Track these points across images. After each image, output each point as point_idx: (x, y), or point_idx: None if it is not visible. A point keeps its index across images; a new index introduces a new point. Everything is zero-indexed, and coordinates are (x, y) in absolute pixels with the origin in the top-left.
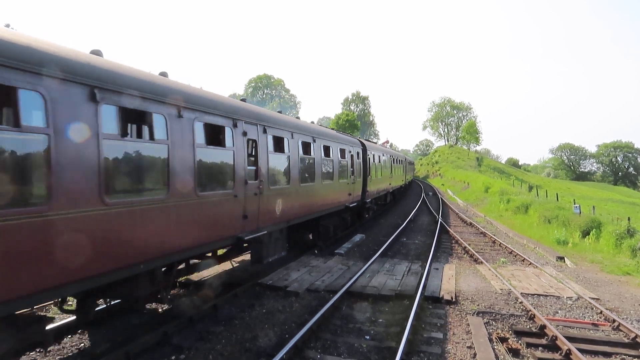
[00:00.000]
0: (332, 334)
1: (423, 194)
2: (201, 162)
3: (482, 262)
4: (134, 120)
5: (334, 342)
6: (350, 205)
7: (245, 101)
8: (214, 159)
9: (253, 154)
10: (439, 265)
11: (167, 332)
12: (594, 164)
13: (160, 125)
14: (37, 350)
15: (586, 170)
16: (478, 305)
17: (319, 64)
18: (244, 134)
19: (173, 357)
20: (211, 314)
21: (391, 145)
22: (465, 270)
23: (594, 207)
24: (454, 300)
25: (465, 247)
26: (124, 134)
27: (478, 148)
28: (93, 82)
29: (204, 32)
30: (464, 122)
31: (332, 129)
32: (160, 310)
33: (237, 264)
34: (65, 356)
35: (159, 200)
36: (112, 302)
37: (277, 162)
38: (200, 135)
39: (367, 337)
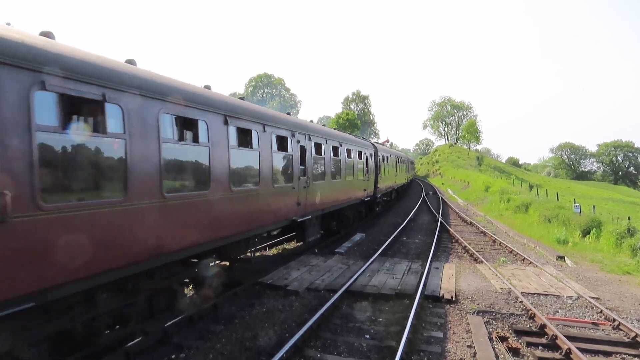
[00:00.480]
0: (332, 333)
1: (423, 193)
2: (274, 163)
3: (482, 262)
4: (241, 133)
5: (334, 341)
6: (365, 200)
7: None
8: (281, 161)
9: (302, 156)
10: (439, 264)
11: (167, 331)
12: (594, 163)
13: (256, 137)
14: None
15: (586, 169)
16: (478, 304)
17: (319, 63)
18: (298, 141)
19: (173, 356)
20: (211, 312)
21: (391, 145)
22: (466, 270)
23: (594, 206)
24: (454, 299)
25: (465, 246)
26: (241, 143)
27: (478, 147)
28: (160, 97)
29: (205, 30)
30: (464, 121)
31: (351, 133)
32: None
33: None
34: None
35: (254, 191)
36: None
37: (317, 163)
38: (274, 143)
39: (367, 336)
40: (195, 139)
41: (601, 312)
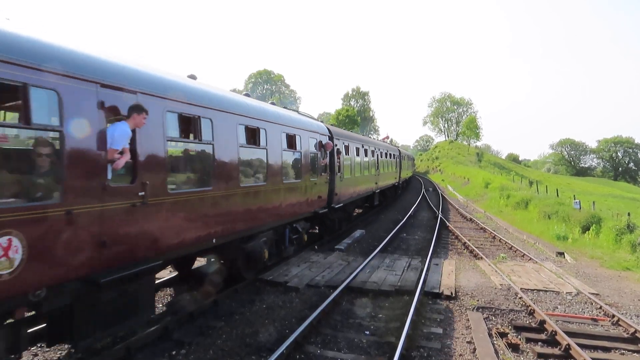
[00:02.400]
0: (332, 329)
1: (423, 190)
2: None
3: (481, 258)
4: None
5: (334, 337)
6: (376, 191)
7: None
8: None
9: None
10: (439, 260)
11: (167, 327)
12: (594, 160)
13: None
14: None
15: (586, 165)
16: (478, 300)
17: (319, 59)
18: (335, 145)
19: (174, 352)
20: (212, 309)
21: (391, 141)
22: (465, 266)
23: (594, 202)
24: (453, 295)
25: (465, 242)
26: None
27: (478, 144)
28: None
29: (205, 27)
30: (464, 117)
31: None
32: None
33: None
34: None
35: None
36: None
37: (347, 163)
38: (335, 159)
39: (367, 333)
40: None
41: (600, 308)
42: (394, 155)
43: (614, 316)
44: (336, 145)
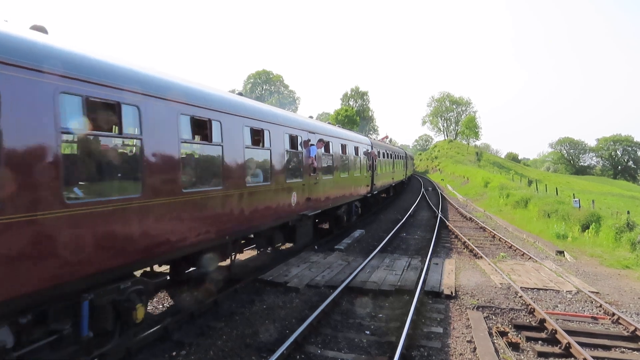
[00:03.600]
0: (333, 329)
1: (423, 189)
2: (373, 167)
3: (481, 257)
4: (356, 149)
5: (335, 337)
6: (393, 184)
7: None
8: (370, 167)
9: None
10: (439, 260)
11: (167, 327)
12: (594, 158)
13: (355, 150)
14: None
15: (586, 164)
16: (478, 299)
17: (318, 59)
18: (375, 152)
19: (174, 353)
20: (212, 309)
21: (390, 141)
22: (465, 265)
23: (593, 201)
24: (453, 294)
25: (465, 241)
26: (355, 153)
27: (477, 143)
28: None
29: (204, 27)
30: (463, 117)
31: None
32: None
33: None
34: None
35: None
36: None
37: (379, 164)
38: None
39: (368, 332)
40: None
41: (600, 306)
42: (402, 156)
43: (613, 314)
44: (375, 152)
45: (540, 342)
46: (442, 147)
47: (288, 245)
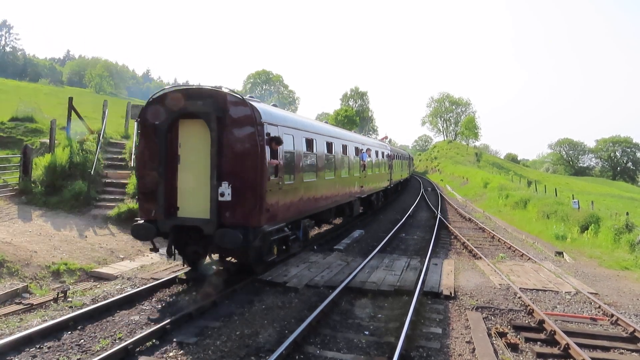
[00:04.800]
0: (332, 329)
1: (422, 190)
2: (391, 166)
3: (481, 258)
4: (382, 154)
5: (334, 338)
6: (402, 180)
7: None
8: (389, 166)
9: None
10: (438, 260)
11: (166, 328)
12: (593, 159)
13: (382, 155)
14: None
15: (585, 165)
16: (477, 300)
17: (318, 59)
18: (392, 156)
19: (172, 354)
20: (211, 309)
21: (390, 141)
22: (464, 266)
23: (592, 202)
24: (453, 295)
25: (464, 242)
26: (382, 157)
27: (477, 143)
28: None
29: (204, 27)
30: (462, 117)
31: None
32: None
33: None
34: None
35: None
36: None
37: (394, 164)
38: (384, 160)
39: (367, 333)
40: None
41: (599, 307)
42: (407, 157)
43: (612, 315)
44: (393, 156)
45: (539, 342)
46: (441, 147)
47: (339, 220)
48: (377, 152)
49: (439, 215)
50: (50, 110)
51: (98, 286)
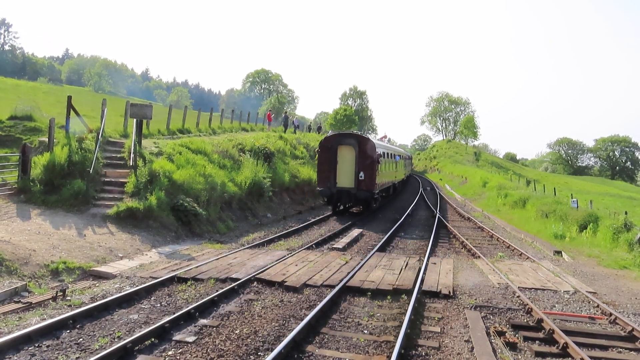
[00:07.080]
0: (331, 328)
1: (421, 189)
2: (398, 165)
3: (479, 257)
4: (402, 156)
5: (333, 337)
6: (407, 175)
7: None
8: (402, 165)
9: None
10: (437, 259)
11: (165, 326)
12: (592, 159)
13: (402, 157)
14: None
15: (584, 164)
16: (476, 299)
17: (317, 58)
18: (410, 157)
19: (171, 352)
20: (210, 308)
21: (389, 140)
22: (463, 265)
23: (591, 201)
24: (451, 294)
25: (463, 241)
26: (402, 158)
27: (476, 143)
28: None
29: (203, 26)
30: (461, 117)
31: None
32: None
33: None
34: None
35: (400, 171)
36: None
37: (403, 163)
38: (400, 161)
39: (365, 332)
40: (394, 159)
41: (598, 306)
42: (410, 157)
43: (611, 314)
44: (410, 157)
45: (537, 341)
46: (440, 147)
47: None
48: (401, 155)
49: (437, 215)
50: (49, 109)
51: (97, 285)
